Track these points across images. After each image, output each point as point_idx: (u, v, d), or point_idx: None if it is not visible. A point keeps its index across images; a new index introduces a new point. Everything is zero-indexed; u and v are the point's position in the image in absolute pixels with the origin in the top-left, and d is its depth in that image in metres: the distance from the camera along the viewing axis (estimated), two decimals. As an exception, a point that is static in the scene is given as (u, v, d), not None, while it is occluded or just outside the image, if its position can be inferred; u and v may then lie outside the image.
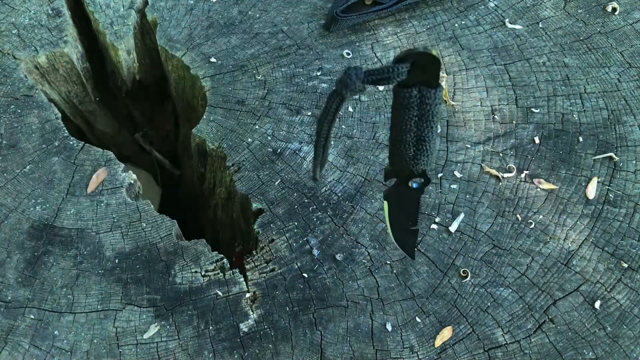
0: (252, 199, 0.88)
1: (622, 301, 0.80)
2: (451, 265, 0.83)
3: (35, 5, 1.09)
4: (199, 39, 1.05)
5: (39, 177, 0.90)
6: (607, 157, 0.91)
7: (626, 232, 0.85)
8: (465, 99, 0.98)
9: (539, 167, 0.91)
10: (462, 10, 1.09)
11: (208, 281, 0.81)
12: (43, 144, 0.93)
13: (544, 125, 0.95)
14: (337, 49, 1.04)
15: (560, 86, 0.99)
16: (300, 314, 0.79)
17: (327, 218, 0.86)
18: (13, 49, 1.03)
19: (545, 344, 0.77)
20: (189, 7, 1.09)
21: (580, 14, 1.08)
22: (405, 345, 0.77)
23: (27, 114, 0.96)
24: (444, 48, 1.04)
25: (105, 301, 0.80)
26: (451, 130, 0.94)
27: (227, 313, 0.79)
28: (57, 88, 1.12)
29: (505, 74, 1.00)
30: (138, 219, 0.87)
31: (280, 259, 0.83)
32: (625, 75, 1.00)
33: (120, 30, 1.08)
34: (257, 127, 0.95)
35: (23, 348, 0.76)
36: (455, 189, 0.89)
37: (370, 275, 0.82)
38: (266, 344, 0.77)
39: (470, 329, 0.78)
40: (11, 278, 0.81)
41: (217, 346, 0.77)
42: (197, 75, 1.01)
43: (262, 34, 1.06)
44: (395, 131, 0.58)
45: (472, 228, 0.85)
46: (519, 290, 0.81)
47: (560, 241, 0.85)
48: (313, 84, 0.99)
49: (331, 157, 0.92)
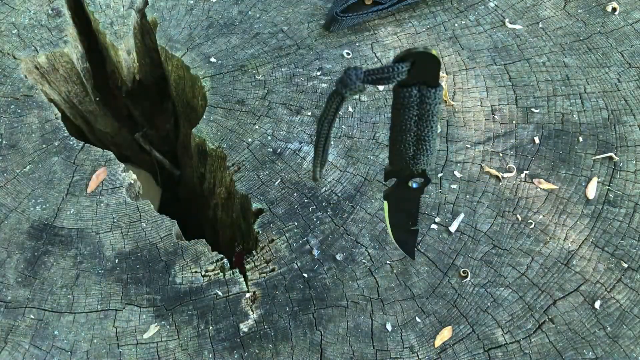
0: (252, 199, 0.88)
1: (622, 301, 0.80)
2: (451, 265, 0.83)
3: (35, 5, 1.09)
4: (199, 39, 1.05)
5: (39, 177, 0.90)
6: (607, 157, 0.91)
7: (626, 232, 0.85)
8: (465, 99, 0.98)
9: (539, 167, 0.91)
10: (462, 10, 1.09)
11: (208, 281, 0.81)
12: (43, 144, 0.93)
13: (544, 125, 0.95)
14: (337, 49, 1.04)
15: (560, 86, 0.99)
16: (300, 314, 0.79)
17: (327, 218, 0.86)
18: (13, 49, 1.03)
19: (545, 344, 0.77)
20: (189, 7, 1.09)
21: (580, 14, 1.08)
22: (405, 345, 0.77)
23: (27, 114, 0.96)
24: (444, 48, 1.04)
25: (105, 301, 0.80)
26: (451, 130, 0.94)
27: (227, 313, 0.79)
28: (57, 88, 1.12)
29: (505, 74, 1.00)
30: (138, 219, 0.87)
31: (280, 259, 0.83)
32: (625, 75, 1.00)
33: (120, 30, 1.08)
34: (257, 127, 0.95)
35: (23, 348, 0.76)
36: (455, 189, 0.89)
37: (370, 275, 0.82)
38: (266, 344, 0.77)
39: (470, 329, 0.78)
40: (11, 278, 0.81)
41: (217, 346, 0.77)
42: (197, 75, 1.01)
43: (262, 34, 1.06)
44: (395, 131, 0.58)
45: (472, 228, 0.85)
46: (519, 290, 0.81)
47: (560, 241, 0.85)
48: (313, 84, 0.99)
49: (331, 157, 0.92)
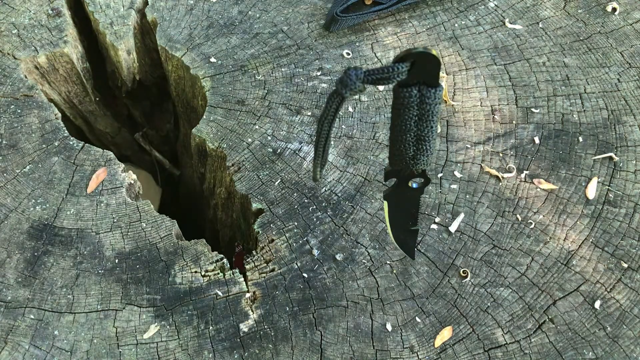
0: (252, 199, 0.88)
1: (622, 301, 0.80)
2: (451, 265, 0.83)
3: (35, 5, 1.09)
4: (199, 39, 1.05)
5: (39, 177, 0.90)
6: (607, 157, 0.91)
7: (626, 232, 0.85)
8: (465, 99, 0.98)
9: (539, 167, 0.91)
10: (462, 10, 1.09)
11: (208, 281, 0.81)
12: (43, 144, 0.93)
13: (544, 125, 0.95)
14: (337, 49, 1.04)
15: (560, 86, 0.99)
16: (300, 314, 0.79)
17: (327, 218, 0.86)
18: (13, 49, 1.03)
19: (545, 344, 0.77)
20: (189, 7, 1.09)
21: (580, 14, 1.08)
22: (405, 345, 0.77)
23: (27, 114, 0.96)
24: (444, 48, 1.04)
25: (105, 301, 0.80)
26: (451, 130, 0.94)
27: (227, 313, 0.79)
28: (57, 88, 1.12)
29: (505, 74, 1.00)
30: (138, 219, 0.87)
31: (280, 259, 0.83)
32: (625, 75, 1.00)
33: (120, 30, 1.08)
34: (257, 127, 0.95)
35: (23, 348, 0.76)
36: (455, 189, 0.89)
37: (370, 275, 0.82)
38: (266, 344, 0.77)
39: (470, 329, 0.78)
40: (11, 278, 0.81)
41: (217, 346, 0.77)
42: (197, 75, 1.01)
43: (262, 34, 1.06)
44: (395, 131, 0.58)
45: (472, 228, 0.85)
46: (519, 290, 0.81)
47: (560, 241, 0.85)
48: (313, 84, 0.99)
49: (331, 157, 0.92)
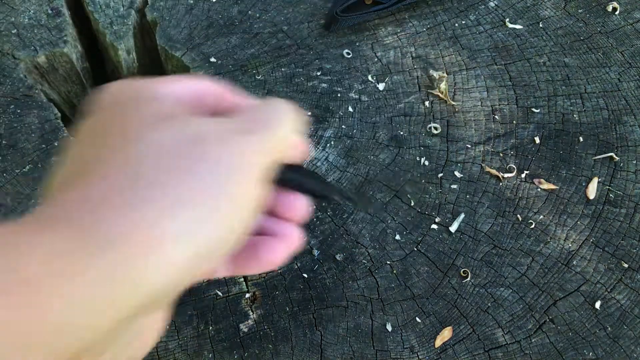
0: (252, 199, 0.88)
1: (622, 301, 0.80)
2: (451, 265, 0.82)
3: (35, 5, 1.09)
4: (199, 38, 1.05)
5: (38, 177, 0.90)
6: (608, 157, 0.91)
7: (627, 233, 0.85)
8: (466, 98, 0.98)
9: (539, 167, 0.91)
10: (463, 10, 1.09)
11: (208, 281, 0.81)
12: (43, 144, 0.93)
13: (545, 125, 0.94)
14: (337, 48, 1.04)
15: (560, 86, 0.98)
16: (300, 314, 0.79)
17: (327, 218, 0.86)
18: (12, 49, 1.03)
19: (545, 344, 0.77)
20: (189, 7, 1.09)
21: (581, 14, 1.08)
22: (406, 345, 0.77)
23: (27, 114, 0.96)
24: (444, 48, 1.04)
25: (105, 301, 0.80)
26: (451, 130, 0.94)
27: (227, 313, 0.79)
28: (57, 88, 1.12)
29: (506, 74, 1.00)
30: (138, 219, 0.87)
31: (280, 259, 0.83)
32: (625, 75, 1.00)
33: (120, 30, 1.08)
34: (257, 127, 0.95)
35: (22, 348, 0.76)
36: (455, 189, 0.88)
37: (370, 275, 0.82)
38: (266, 344, 0.77)
39: (470, 329, 0.78)
40: (11, 278, 0.81)
41: (217, 346, 0.77)
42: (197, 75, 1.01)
43: (262, 33, 1.06)
44: None
45: (472, 228, 0.85)
46: (519, 290, 0.81)
47: (561, 241, 0.84)
48: (313, 84, 0.99)
49: (331, 157, 0.92)
